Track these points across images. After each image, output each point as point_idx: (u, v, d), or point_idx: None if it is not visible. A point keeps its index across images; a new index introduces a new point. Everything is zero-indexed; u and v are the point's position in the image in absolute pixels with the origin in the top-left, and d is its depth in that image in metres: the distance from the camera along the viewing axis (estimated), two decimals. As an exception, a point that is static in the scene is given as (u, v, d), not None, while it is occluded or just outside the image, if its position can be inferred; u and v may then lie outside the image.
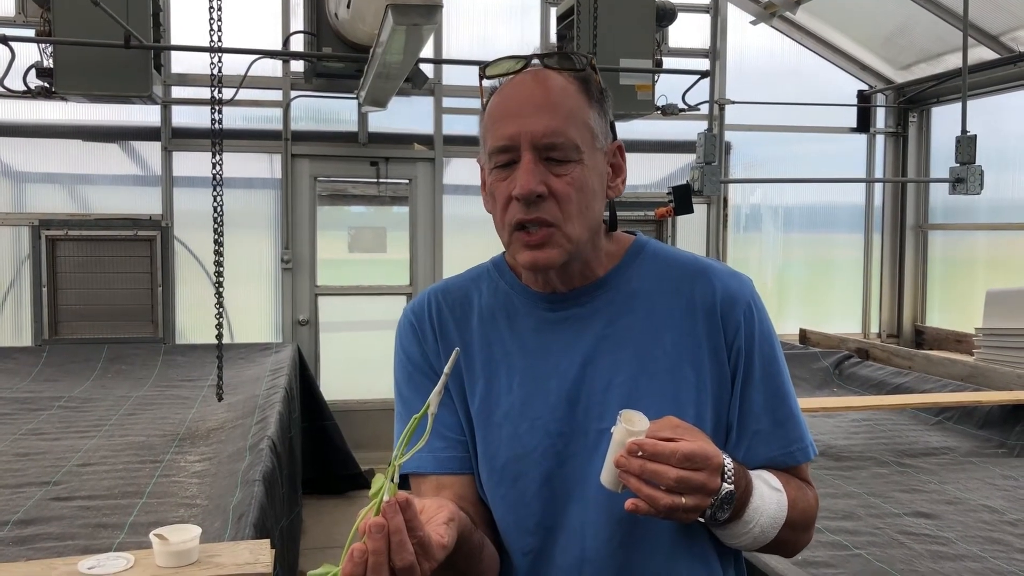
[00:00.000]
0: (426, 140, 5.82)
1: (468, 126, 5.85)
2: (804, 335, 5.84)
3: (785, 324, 6.27)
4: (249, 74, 5.06)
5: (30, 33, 4.66)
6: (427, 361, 1.28)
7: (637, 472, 1.01)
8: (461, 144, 5.83)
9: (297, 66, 5.54)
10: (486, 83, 1.23)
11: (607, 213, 1.26)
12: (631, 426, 1.04)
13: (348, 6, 4.50)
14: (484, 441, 1.23)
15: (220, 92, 3.45)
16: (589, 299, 1.23)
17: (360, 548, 0.91)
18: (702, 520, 1.08)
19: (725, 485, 1.05)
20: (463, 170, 5.87)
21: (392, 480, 0.94)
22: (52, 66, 4.53)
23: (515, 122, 1.14)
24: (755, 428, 1.21)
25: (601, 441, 1.14)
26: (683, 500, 1.02)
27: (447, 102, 5.80)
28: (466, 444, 1.25)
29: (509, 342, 1.25)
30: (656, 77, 5.35)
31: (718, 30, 5.70)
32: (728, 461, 1.07)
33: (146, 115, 5.43)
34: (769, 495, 1.14)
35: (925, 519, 2.69)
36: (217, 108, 3.44)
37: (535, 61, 1.19)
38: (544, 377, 1.21)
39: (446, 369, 1.02)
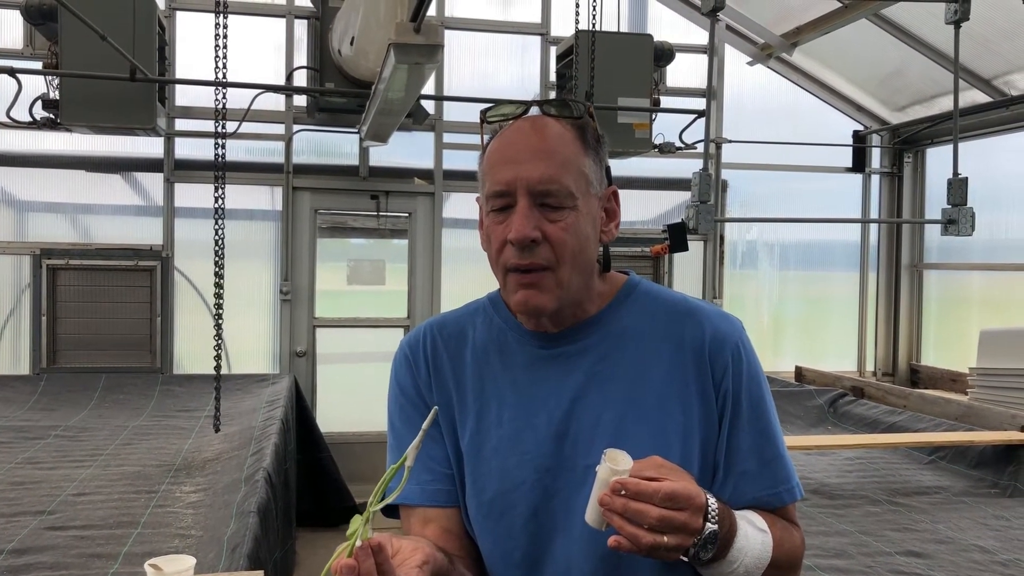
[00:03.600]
0: (426, 175, 5.87)
1: (468, 161, 5.91)
2: (799, 372, 5.85)
3: (781, 361, 6.29)
4: (252, 108, 5.12)
5: (37, 65, 4.71)
6: (420, 395, 1.30)
7: (620, 511, 1.03)
8: (461, 179, 5.89)
9: (300, 100, 5.61)
10: (486, 126, 1.26)
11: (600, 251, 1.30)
12: (615, 465, 1.06)
13: (351, 43, 4.57)
14: (473, 474, 1.25)
15: (223, 126, 3.50)
16: (580, 337, 1.26)
17: None
18: (685, 559, 1.09)
19: (709, 525, 1.07)
20: (462, 204, 5.92)
21: (367, 523, 0.96)
22: (58, 98, 4.59)
23: (512, 168, 1.17)
24: (742, 468, 1.22)
25: (588, 476, 1.16)
26: (665, 539, 1.03)
27: (447, 137, 5.87)
28: (453, 477, 1.27)
29: (501, 377, 1.27)
30: (653, 116, 5.42)
31: (715, 70, 5.78)
32: (712, 501, 1.09)
33: (149, 147, 5.48)
34: (754, 535, 1.15)
35: (917, 558, 2.69)
36: (220, 141, 3.49)
37: (534, 107, 1.23)
38: (534, 412, 1.23)
39: (424, 426, 1.04)
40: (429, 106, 5.66)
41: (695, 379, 1.23)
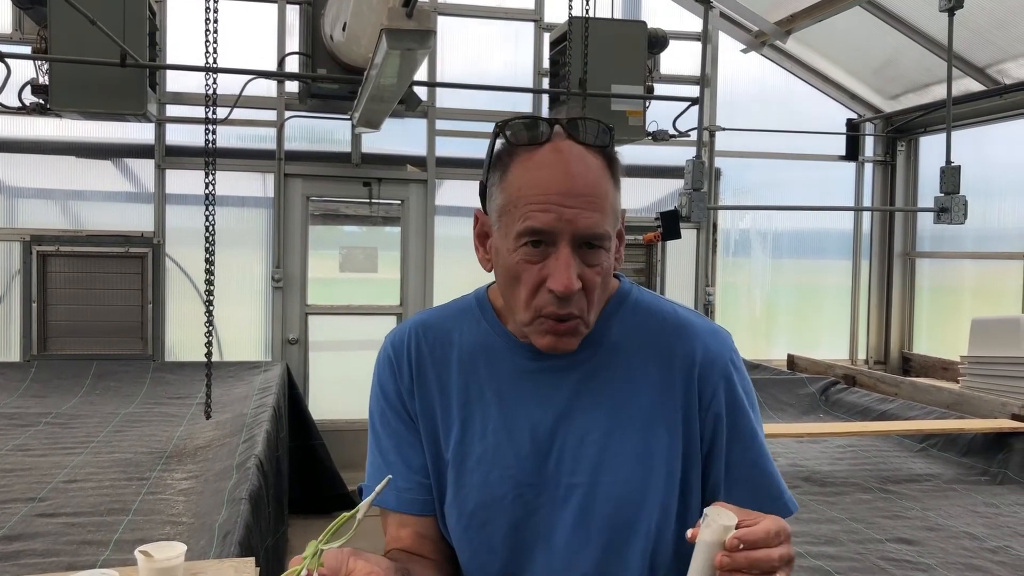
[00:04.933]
0: (419, 162, 5.85)
1: (461, 148, 5.90)
2: (792, 360, 5.86)
3: (773, 349, 6.31)
4: (244, 94, 5.09)
5: (26, 50, 4.67)
6: (400, 400, 1.27)
7: (746, 566, 0.95)
8: (453, 166, 5.87)
9: (292, 87, 5.58)
10: (502, 142, 1.16)
11: None
12: (726, 521, 0.98)
13: (344, 29, 4.54)
14: (455, 485, 1.22)
15: (214, 111, 3.48)
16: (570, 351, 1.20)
17: None
18: None
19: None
20: (455, 192, 5.91)
21: (316, 557, 0.99)
22: (48, 83, 4.55)
23: (555, 210, 1.09)
24: (727, 491, 1.20)
25: (571, 495, 1.15)
26: None
27: (440, 124, 5.85)
28: (430, 487, 1.24)
29: (486, 386, 1.23)
30: (647, 103, 5.41)
31: (708, 58, 5.76)
32: None
33: (140, 132, 5.45)
34: None
35: (907, 545, 2.71)
36: (211, 127, 3.47)
37: (557, 127, 1.14)
38: (518, 427, 1.20)
39: (375, 490, 1.03)
40: (422, 92, 5.63)
41: (683, 399, 1.19)
